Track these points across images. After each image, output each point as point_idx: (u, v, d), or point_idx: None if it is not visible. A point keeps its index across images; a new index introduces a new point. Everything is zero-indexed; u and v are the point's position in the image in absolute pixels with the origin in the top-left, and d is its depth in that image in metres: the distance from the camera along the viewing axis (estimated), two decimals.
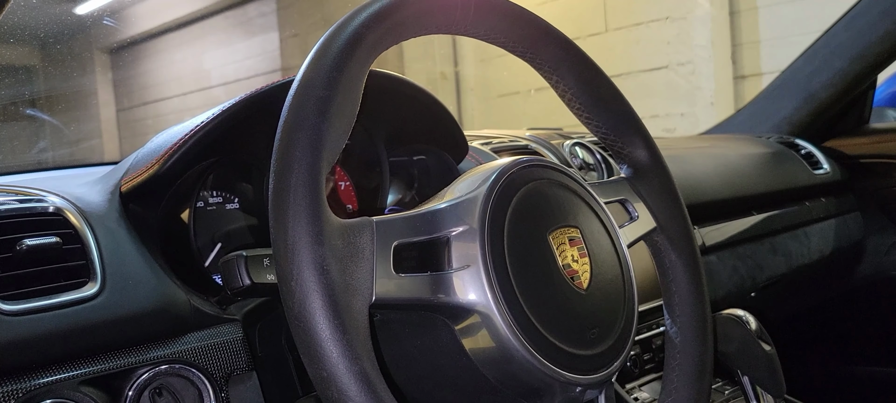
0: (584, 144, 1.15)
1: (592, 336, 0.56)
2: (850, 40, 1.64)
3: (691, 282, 0.70)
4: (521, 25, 0.64)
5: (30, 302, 0.58)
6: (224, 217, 0.77)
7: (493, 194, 0.54)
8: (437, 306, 0.52)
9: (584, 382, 0.54)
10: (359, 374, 0.45)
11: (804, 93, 1.70)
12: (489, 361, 0.52)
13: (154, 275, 0.66)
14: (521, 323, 0.51)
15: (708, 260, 1.25)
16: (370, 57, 0.54)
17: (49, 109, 2.34)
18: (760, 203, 1.43)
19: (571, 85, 0.68)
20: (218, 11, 4.52)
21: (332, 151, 0.49)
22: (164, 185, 0.71)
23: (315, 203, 0.46)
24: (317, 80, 0.50)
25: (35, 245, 0.60)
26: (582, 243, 0.58)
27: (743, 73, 3.27)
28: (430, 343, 0.55)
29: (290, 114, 0.49)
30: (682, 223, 0.72)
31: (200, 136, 0.69)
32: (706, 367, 0.68)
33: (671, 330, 0.69)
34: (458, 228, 0.52)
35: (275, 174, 0.47)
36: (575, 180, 0.62)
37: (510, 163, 0.57)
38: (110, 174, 0.76)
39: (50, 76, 2.28)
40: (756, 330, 0.84)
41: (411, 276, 0.50)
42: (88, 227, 0.65)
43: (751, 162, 1.50)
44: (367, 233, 0.49)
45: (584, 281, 0.57)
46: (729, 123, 1.90)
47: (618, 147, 0.72)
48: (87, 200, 0.69)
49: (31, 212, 0.63)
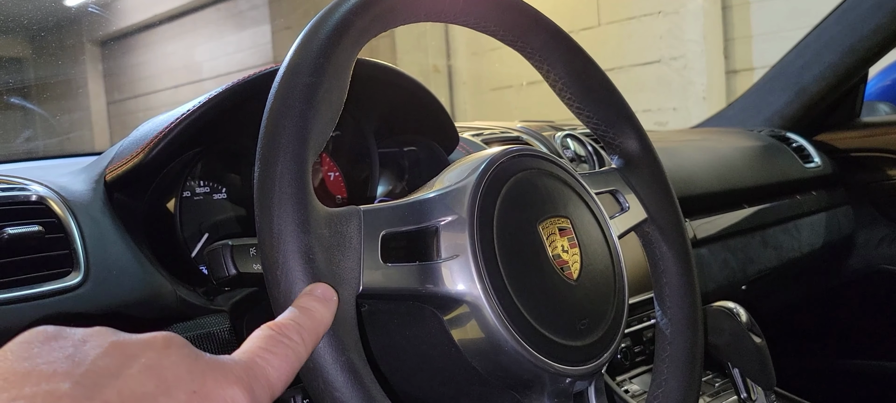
0: (575, 136, 1.14)
1: (582, 327, 0.55)
2: (841, 34, 1.64)
3: (682, 273, 0.70)
4: (510, 13, 0.64)
5: (12, 291, 0.57)
6: (211, 207, 0.77)
7: (482, 183, 0.53)
8: (426, 296, 0.51)
9: (573, 373, 0.54)
10: (345, 365, 0.44)
11: (796, 86, 1.70)
12: (478, 352, 0.52)
13: (139, 265, 0.65)
14: (510, 313, 0.51)
15: (699, 252, 1.25)
16: (358, 44, 0.53)
17: (38, 100, 2.32)
18: (751, 196, 1.43)
19: (562, 74, 0.68)
20: (209, 4, 4.50)
21: (318, 139, 0.48)
22: (149, 174, 0.71)
23: (301, 191, 0.45)
24: (303, 67, 0.49)
25: (17, 234, 0.59)
26: (572, 233, 0.58)
27: (735, 68, 3.27)
28: (419, 333, 0.54)
29: (275, 102, 0.48)
30: (673, 214, 0.71)
31: (186, 125, 0.68)
32: (697, 359, 0.68)
33: (662, 321, 0.69)
34: (447, 218, 0.52)
35: (260, 161, 0.46)
36: (565, 170, 0.61)
37: (500, 153, 0.57)
38: (95, 163, 0.75)
39: (39, 67, 2.26)
40: (747, 322, 0.84)
41: (399, 266, 0.50)
42: (72, 216, 0.64)
43: (742, 155, 1.50)
44: (355, 222, 0.49)
45: (575, 271, 0.57)
46: (720, 117, 1.90)
47: (609, 137, 0.72)
48: (70, 189, 0.68)
49: (14, 201, 0.62)
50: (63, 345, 0.32)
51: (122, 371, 0.31)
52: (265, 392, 0.36)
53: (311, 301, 0.43)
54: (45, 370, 0.30)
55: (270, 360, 0.37)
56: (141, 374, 0.31)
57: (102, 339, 0.33)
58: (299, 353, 0.40)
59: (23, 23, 1.85)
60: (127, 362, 0.32)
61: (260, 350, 0.38)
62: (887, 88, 2.17)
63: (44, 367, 0.30)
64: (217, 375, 0.34)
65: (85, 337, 0.33)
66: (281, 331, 0.39)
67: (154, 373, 0.32)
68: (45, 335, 0.32)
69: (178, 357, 0.33)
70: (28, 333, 0.32)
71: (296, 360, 0.39)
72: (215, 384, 0.33)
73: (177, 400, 0.31)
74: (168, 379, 0.32)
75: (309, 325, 0.41)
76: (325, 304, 0.43)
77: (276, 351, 0.38)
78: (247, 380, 0.35)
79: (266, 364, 0.37)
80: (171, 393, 0.31)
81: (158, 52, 4.64)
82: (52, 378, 0.29)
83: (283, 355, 0.38)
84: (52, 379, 0.29)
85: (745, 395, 0.85)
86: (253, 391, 0.35)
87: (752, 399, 0.85)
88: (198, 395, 0.32)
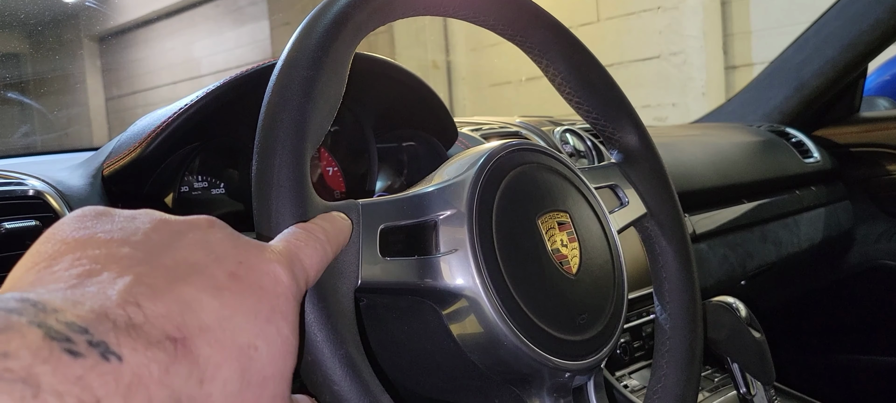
0: (574, 131, 1.14)
1: (582, 322, 0.55)
2: (840, 29, 1.64)
3: (681, 268, 0.69)
4: (510, 8, 0.64)
5: None
6: (209, 202, 0.76)
7: (481, 177, 0.53)
8: (425, 290, 0.51)
9: (572, 368, 0.54)
10: (344, 358, 0.44)
11: (795, 81, 1.70)
12: (477, 346, 0.52)
13: None
14: (509, 307, 0.51)
15: (698, 248, 1.25)
16: (356, 37, 0.53)
17: (36, 96, 2.31)
18: (751, 191, 1.43)
19: (561, 69, 0.68)
20: (207, 0, 4.49)
21: (316, 132, 0.48)
22: (146, 169, 0.70)
23: (299, 183, 0.45)
24: (301, 60, 0.49)
25: (14, 228, 0.59)
26: (571, 228, 0.58)
27: (734, 64, 3.27)
28: (417, 328, 0.54)
29: (273, 95, 0.48)
30: (673, 209, 0.71)
31: (184, 119, 0.68)
32: (696, 353, 0.68)
33: (661, 316, 0.69)
34: (446, 212, 0.52)
35: (258, 154, 0.46)
36: (565, 164, 0.61)
37: (499, 147, 0.56)
38: (92, 158, 0.74)
39: (37, 62, 2.26)
40: (746, 317, 0.84)
41: (398, 260, 0.50)
42: (69, 211, 0.64)
43: (741, 150, 1.49)
44: (353, 216, 0.48)
45: (574, 266, 0.56)
46: (720, 112, 1.90)
47: (608, 132, 0.71)
48: (68, 184, 0.68)
49: (10, 196, 0.62)
50: (115, 219, 0.34)
51: (172, 243, 0.33)
52: (301, 273, 0.38)
53: (332, 214, 0.45)
54: (103, 237, 0.32)
55: (304, 250, 0.40)
56: (191, 246, 0.33)
57: (151, 216, 0.35)
58: (327, 252, 0.42)
59: (21, 18, 1.85)
60: (176, 236, 0.34)
61: (293, 239, 0.40)
62: (887, 83, 2.17)
63: (101, 235, 0.32)
64: (259, 252, 0.36)
65: (134, 214, 0.35)
66: (309, 230, 0.42)
67: (203, 246, 0.34)
68: (96, 211, 0.34)
69: (223, 235, 0.36)
70: (80, 209, 0.34)
71: (324, 257, 0.41)
72: (259, 259, 0.35)
73: (225, 269, 0.33)
74: (216, 251, 0.34)
75: (332, 231, 0.44)
76: (344, 219, 0.46)
77: (308, 243, 0.40)
78: (286, 261, 0.37)
79: (300, 251, 0.39)
80: (221, 263, 0.33)
81: (157, 48, 4.63)
82: (110, 243, 0.31)
83: (314, 248, 0.41)
84: (111, 245, 0.31)
85: (744, 390, 0.85)
86: (292, 270, 0.37)
87: (751, 394, 0.85)
88: (243, 266, 0.34)
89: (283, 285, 0.35)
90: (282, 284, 0.35)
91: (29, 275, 0.30)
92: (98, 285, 0.29)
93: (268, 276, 0.35)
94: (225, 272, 0.33)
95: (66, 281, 0.29)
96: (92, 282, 0.29)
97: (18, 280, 0.30)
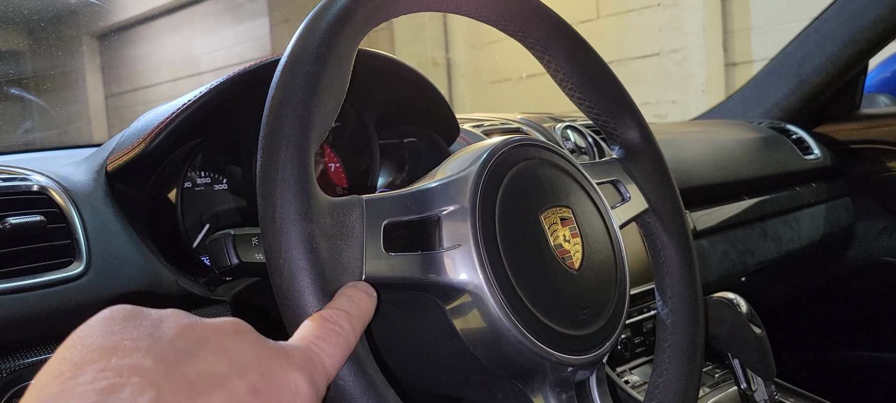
0: (575, 127, 1.14)
1: (584, 317, 0.56)
2: (841, 25, 1.64)
3: (683, 263, 0.70)
4: (511, 3, 0.64)
5: (13, 281, 0.57)
6: (212, 198, 0.77)
7: (484, 173, 0.53)
8: (428, 285, 0.51)
9: (575, 362, 0.54)
10: None
11: (796, 78, 1.70)
12: (480, 341, 0.52)
13: (140, 255, 0.65)
14: (512, 302, 0.51)
15: (699, 244, 1.25)
16: (360, 33, 0.53)
17: (36, 92, 2.31)
18: (751, 188, 1.43)
19: (563, 64, 0.68)
20: None
21: (320, 128, 0.48)
22: (150, 165, 0.71)
23: (304, 179, 0.45)
24: (305, 56, 0.49)
25: (19, 223, 0.59)
26: (574, 223, 0.58)
27: (734, 61, 3.27)
28: (421, 323, 0.54)
29: (277, 90, 0.48)
30: (674, 204, 0.71)
31: (188, 115, 0.68)
32: (697, 349, 0.68)
33: (662, 311, 0.69)
34: (449, 207, 0.52)
35: (262, 150, 0.46)
36: (567, 160, 0.61)
37: (502, 143, 0.57)
38: (96, 154, 0.75)
39: (37, 59, 2.26)
40: (747, 313, 0.84)
41: (401, 255, 0.50)
42: (73, 206, 0.64)
43: (742, 147, 1.50)
44: (357, 211, 0.49)
45: (576, 261, 0.57)
46: (720, 109, 1.90)
47: (610, 127, 0.71)
48: (72, 180, 0.68)
49: (15, 191, 0.62)
50: (142, 324, 0.34)
51: (197, 351, 0.33)
52: (322, 377, 0.39)
53: (355, 291, 0.45)
54: (129, 345, 0.32)
55: (325, 348, 0.40)
56: (214, 355, 0.34)
57: (178, 320, 0.35)
58: (350, 340, 0.42)
59: (22, 14, 1.85)
60: (201, 343, 0.34)
61: (315, 337, 0.40)
62: (887, 80, 2.17)
63: (127, 343, 0.32)
64: (282, 361, 0.36)
65: (161, 317, 0.35)
66: (332, 319, 0.42)
67: (227, 356, 0.34)
68: (124, 313, 0.35)
69: (247, 342, 0.36)
70: (108, 310, 0.35)
71: (347, 347, 0.42)
72: (281, 369, 0.36)
73: (248, 382, 0.33)
74: (239, 362, 0.34)
75: (356, 313, 0.44)
76: (369, 295, 0.46)
77: (329, 339, 0.41)
78: (307, 367, 0.37)
79: (321, 352, 0.40)
80: (243, 374, 0.34)
81: (157, 45, 4.62)
82: (135, 352, 0.32)
83: (335, 342, 0.41)
84: (135, 354, 0.32)
85: (745, 386, 0.85)
86: (313, 377, 0.37)
87: (752, 390, 0.85)
88: (265, 378, 0.34)
89: (303, 397, 0.36)
90: (302, 396, 0.36)
91: (54, 384, 0.30)
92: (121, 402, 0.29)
93: (288, 389, 0.35)
94: (246, 386, 0.33)
95: (89, 397, 0.29)
96: (115, 398, 0.29)
97: (44, 388, 0.30)
